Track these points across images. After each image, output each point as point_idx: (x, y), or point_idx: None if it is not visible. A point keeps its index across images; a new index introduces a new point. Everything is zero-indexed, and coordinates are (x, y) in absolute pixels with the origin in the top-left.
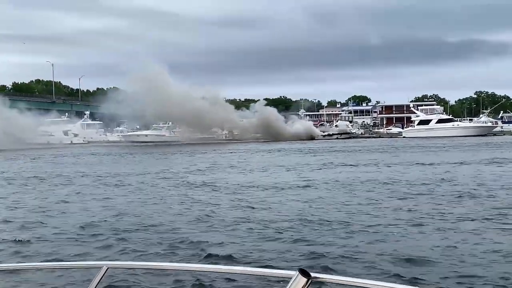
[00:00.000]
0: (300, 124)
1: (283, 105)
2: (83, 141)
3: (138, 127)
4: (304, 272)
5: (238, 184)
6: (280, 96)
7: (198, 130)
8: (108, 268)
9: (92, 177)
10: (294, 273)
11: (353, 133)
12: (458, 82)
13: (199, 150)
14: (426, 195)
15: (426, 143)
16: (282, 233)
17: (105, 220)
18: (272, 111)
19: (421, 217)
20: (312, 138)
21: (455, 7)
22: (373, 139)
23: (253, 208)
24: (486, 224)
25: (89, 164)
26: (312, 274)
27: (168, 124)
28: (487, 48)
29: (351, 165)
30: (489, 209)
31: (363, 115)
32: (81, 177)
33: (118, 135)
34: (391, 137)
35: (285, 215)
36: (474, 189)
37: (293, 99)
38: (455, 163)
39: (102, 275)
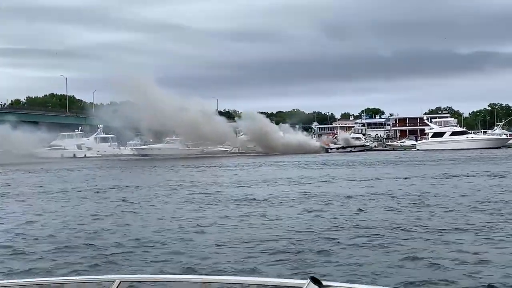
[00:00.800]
0: (294, 136)
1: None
2: (97, 154)
3: (151, 140)
4: (315, 280)
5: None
6: (293, 109)
7: (194, 142)
8: (120, 282)
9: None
10: (305, 281)
11: (367, 145)
12: (472, 94)
13: (222, 163)
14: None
15: (446, 156)
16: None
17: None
18: (265, 121)
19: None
20: (326, 151)
21: (466, 19)
22: (387, 151)
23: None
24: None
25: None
26: (324, 282)
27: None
28: (500, 60)
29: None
30: None
31: (377, 128)
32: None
33: (132, 149)
34: (404, 149)
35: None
36: None
37: (306, 112)
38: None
39: None
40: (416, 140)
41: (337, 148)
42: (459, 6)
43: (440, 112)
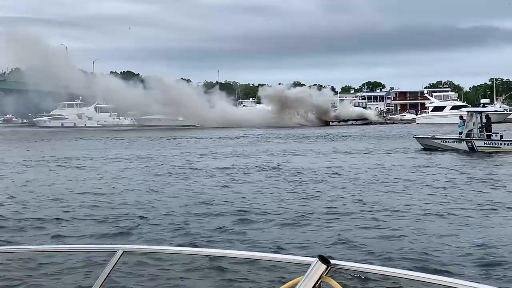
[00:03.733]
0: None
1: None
2: (97, 124)
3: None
4: (323, 259)
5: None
6: (294, 82)
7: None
8: (124, 251)
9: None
10: (313, 259)
11: (367, 119)
12: (472, 68)
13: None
14: None
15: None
16: None
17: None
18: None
19: None
20: (326, 123)
21: None
22: (388, 125)
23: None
24: None
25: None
26: (332, 261)
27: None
28: (501, 35)
29: None
30: None
31: (377, 101)
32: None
33: (132, 119)
34: (404, 123)
35: None
36: None
37: (307, 85)
38: None
39: (117, 258)
40: (416, 114)
41: (338, 121)
42: None
43: (440, 86)
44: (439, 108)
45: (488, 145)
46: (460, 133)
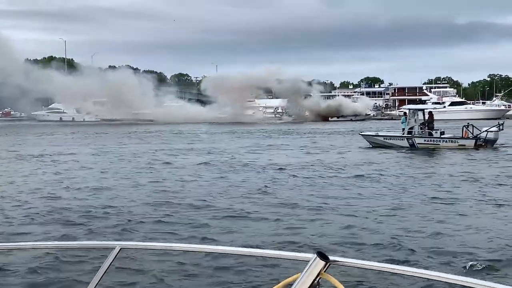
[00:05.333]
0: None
1: None
2: (95, 118)
3: (165, 104)
4: (322, 255)
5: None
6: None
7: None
8: (121, 248)
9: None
10: (312, 255)
11: (368, 115)
12: (471, 64)
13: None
14: None
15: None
16: None
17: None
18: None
19: None
20: (325, 119)
21: None
22: (385, 120)
23: None
24: None
25: None
26: (331, 258)
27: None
28: (498, 31)
29: None
30: None
31: (376, 97)
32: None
33: (131, 112)
34: None
35: None
36: None
37: (305, 80)
38: None
39: (115, 255)
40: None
41: (338, 117)
42: None
43: (439, 82)
44: (438, 104)
45: (428, 142)
46: (403, 130)
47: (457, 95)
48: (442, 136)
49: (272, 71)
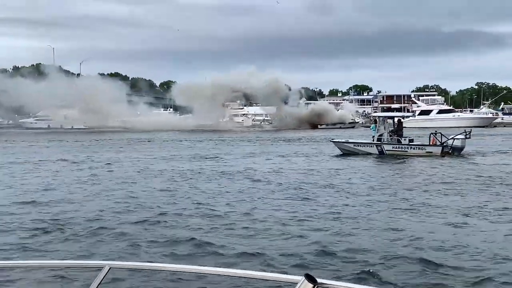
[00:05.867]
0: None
1: None
2: (84, 126)
3: (138, 113)
4: (310, 278)
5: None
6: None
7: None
8: (110, 268)
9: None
10: (300, 278)
11: (352, 122)
12: (459, 73)
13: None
14: None
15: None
16: None
17: None
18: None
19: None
20: (315, 126)
21: None
22: None
23: None
24: None
25: None
26: (319, 280)
27: (169, 110)
28: (485, 40)
29: None
30: None
31: (364, 104)
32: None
33: (117, 120)
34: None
35: None
36: None
37: (294, 87)
38: None
39: (104, 274)
40: (403, 118)
41: (327, 124)
42: None
43: (427, 90)
44: (426, 112)
45: (396, 149)
46: (373, 137)
47: (445, 103)
48: (410, 143)
49: (248, 73)
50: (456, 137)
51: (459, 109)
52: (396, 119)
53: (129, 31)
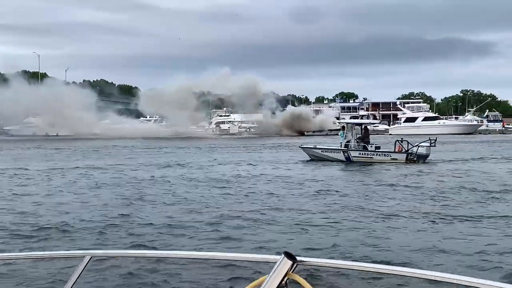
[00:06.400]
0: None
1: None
2: (69, 133)
3: (124, 120)
4: (289, 255)
5: None
6: (269, 91)
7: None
8: (91, 257)
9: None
10: (279, 257)
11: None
12: (444, 80)
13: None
14: None
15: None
16: None
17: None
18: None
19: None
20: (301, 133)
21: (435, 6)
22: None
23: None
24: None
25: None
26: (298, 258)
27: (156, 117)
28: (470, 48)
29: None
30: None
31: (350, 112)
32: None
33: (91, 129)
34: (377, 134)
35: None
36: None
37: (281, 94)
38: None
39: (85, 264)
40: (389, 125)
41: (313, 131)
42: None
43: (413, 97)
44: (411, 119)
45: (362, 156)
46: (341, 143)
47: (430, 110)
48: (376, 150)
49: (220, 76)
50: (421, 144)
51: (444, 117)
52: (363, 126)
53: (115, 38)
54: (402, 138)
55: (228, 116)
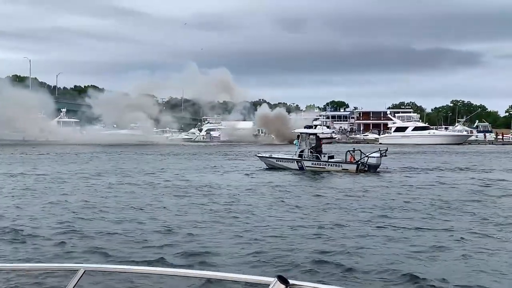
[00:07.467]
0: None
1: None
2: (60, 139)
3: (115, 126)
4: (282, 279)
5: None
6: (259, 99)
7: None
8: (85, 271)
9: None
10: (272, 279)
11: (335, 138)
12: (434, 90)
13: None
14: None
15: (405, 150)
16: None
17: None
18: None
19: None
20: (291, 141)
21: (422, 16)
22: (350, 144)
23: None
24: None
25: None
26: (290, 281)
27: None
28: (460, 58)
29: None
30: None
31: (341, 121)
32: None
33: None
34: (367, 143)
35: None
36: None
37: (272, 103)
38: None
39: (78, 278)
40: (379, 134)
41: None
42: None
43: (403, 107)
44: (402, 129)
45: (315, 166)
46: (296, 152)
47: (420, 120)
48: (329, 160)
49: (184, 78)
50: (371, 155)
51: (434, 126)
52: (315, 136)
53: (106, 44)
54: (354, 148)
55: (219, 123)
